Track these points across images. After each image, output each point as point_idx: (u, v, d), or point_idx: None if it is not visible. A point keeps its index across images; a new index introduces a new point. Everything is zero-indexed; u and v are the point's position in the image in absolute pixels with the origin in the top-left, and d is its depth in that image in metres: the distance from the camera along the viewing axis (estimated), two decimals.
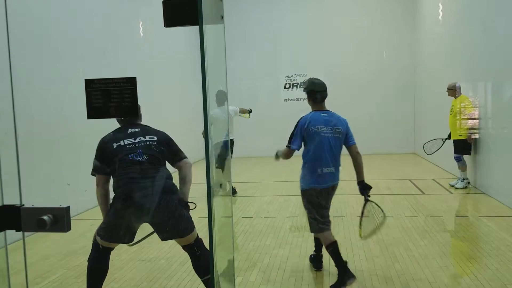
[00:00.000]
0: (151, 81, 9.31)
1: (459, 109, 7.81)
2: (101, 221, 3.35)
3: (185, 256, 4.77)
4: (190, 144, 12.84)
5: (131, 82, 1.48)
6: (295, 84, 14.22)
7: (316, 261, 4.35)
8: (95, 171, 3.37)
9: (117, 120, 3.50)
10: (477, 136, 7.68)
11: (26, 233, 1.46)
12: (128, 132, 3.37)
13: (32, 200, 1.46)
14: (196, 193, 3.60)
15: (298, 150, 4.07)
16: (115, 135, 3.38)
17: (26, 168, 5.44)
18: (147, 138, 3.37)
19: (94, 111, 1.48)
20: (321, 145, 3.96)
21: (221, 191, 1.71)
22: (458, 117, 7.81)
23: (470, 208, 6.40)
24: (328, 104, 4.13)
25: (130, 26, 9.31)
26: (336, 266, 3.84)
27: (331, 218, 4.04)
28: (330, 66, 13.73)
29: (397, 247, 4.86)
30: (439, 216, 6.02)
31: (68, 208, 1.36)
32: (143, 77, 8.65)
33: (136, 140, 3.34)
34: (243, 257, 4.73)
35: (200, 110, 1.49)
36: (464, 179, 7.89)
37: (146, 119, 3.61)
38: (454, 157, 7.96)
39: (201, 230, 5.88)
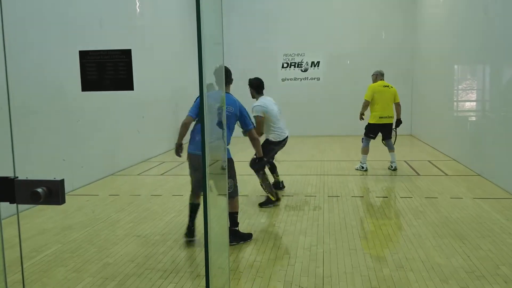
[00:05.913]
0: (147, 54, 9.19)
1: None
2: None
3: (180, 233, 4.80)
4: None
5: (126, 55, 1.45)
6: (293, 64, 14.10)
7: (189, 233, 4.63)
8: None
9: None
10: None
11: (22, 207, 1.46)
12: None
13: (29, 175, 1.45)
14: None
15: (194, 117, 4.44)
16: None
17: (22, 143, 5.42)
18: None
19: (88, 84, 1.45)
20: None
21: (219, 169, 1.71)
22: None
23: (464, 190, 6.44)
24: (326, 84, 4.14)
25: None
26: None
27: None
28: (328, 46, 13.64)
29: (391, 227, 4.90)
30: (433, 197, 6.06)
31: (62, 181, 1.35)
32: (140, 50, 8.52)
33: None
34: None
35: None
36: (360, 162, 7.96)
37: (142, 93, 3.58)
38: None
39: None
